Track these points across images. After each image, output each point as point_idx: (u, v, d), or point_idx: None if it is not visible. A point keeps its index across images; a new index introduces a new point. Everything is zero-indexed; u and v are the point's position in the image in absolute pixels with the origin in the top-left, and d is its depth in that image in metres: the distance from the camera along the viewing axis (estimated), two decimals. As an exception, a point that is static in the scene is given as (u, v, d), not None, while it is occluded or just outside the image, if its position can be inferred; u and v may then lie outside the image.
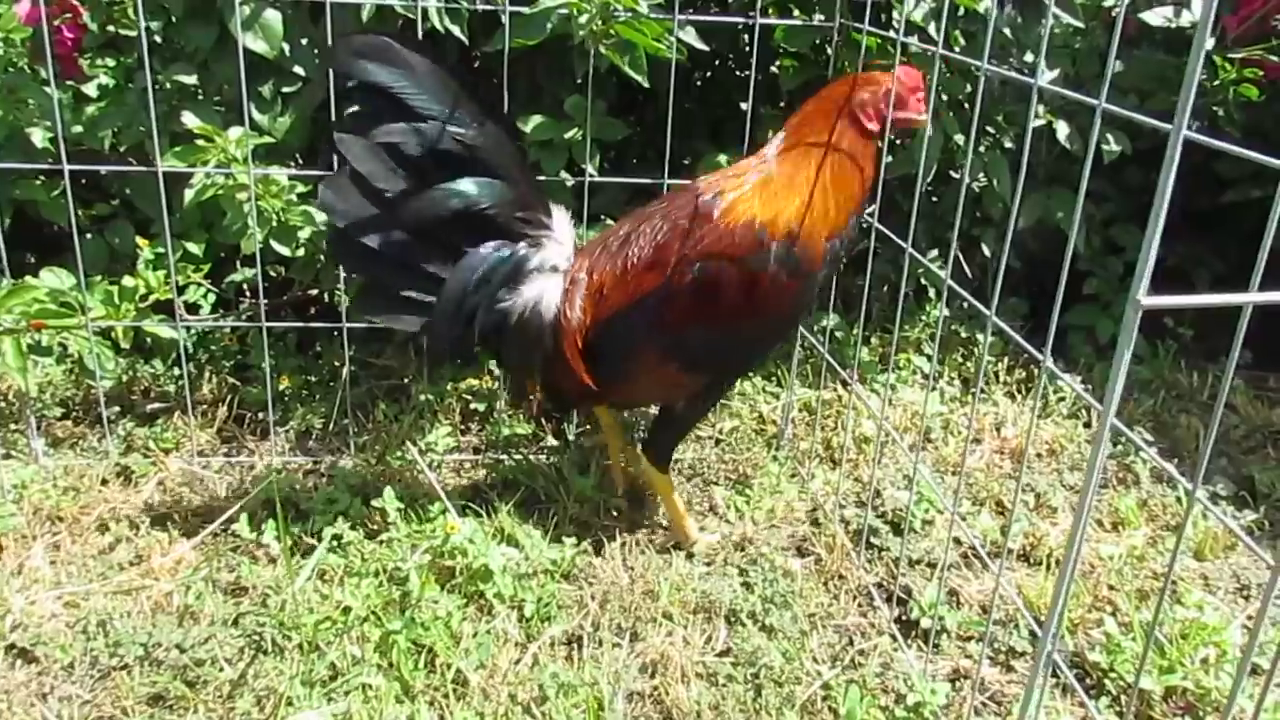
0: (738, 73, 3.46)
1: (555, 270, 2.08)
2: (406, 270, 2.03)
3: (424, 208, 1.98)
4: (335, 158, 1.99)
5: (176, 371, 2.78)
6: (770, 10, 2.72)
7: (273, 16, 2.51)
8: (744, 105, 3.42)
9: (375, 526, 2.25)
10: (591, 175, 2.47)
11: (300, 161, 2.81)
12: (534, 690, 1.81)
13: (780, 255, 1.97)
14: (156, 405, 2.70)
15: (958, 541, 2.30)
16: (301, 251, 2.53)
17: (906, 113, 2.01)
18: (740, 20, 2.60)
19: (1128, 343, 0.74)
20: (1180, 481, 1.24)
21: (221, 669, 1.85)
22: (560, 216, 2.13)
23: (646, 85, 2.31)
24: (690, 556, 2.24)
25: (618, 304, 2.03)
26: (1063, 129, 3.10)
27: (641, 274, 2.02)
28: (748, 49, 3.40)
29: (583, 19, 2.13)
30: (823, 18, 2.52)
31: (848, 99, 2.00)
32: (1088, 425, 2.87)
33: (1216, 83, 3.00)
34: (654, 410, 2.40)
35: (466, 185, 2.00)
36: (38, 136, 2.74)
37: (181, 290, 2.63)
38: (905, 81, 2.00)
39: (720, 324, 2.01)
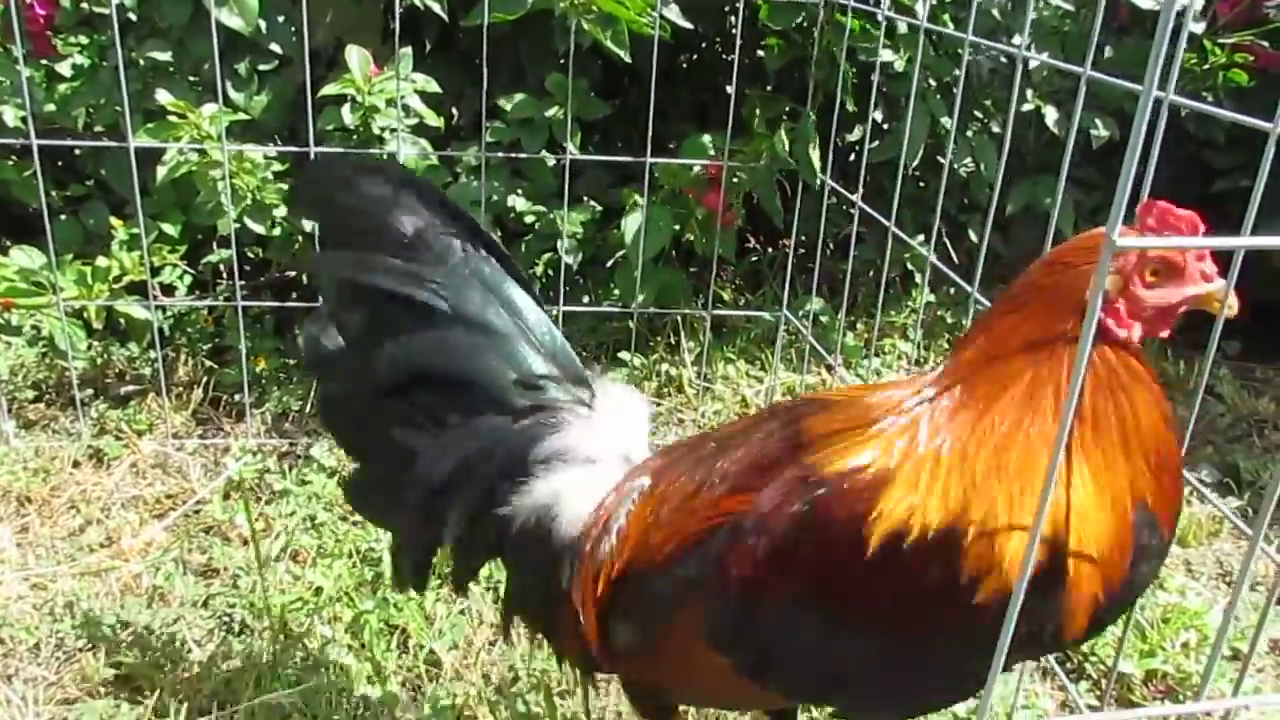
0: (724, 56, 3.43)
1: (584, 461, 1.32)
2: (390, 447, 1.37)
3: (390, 363, 1.35)
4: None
5: (151, 354, 2.74)
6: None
7: (250, -8, 2.47)
8: (729, 89, 3.40)
9: (348, 508, 2.21)
10: (572, 153, 2.44)
11: (279, 141, 2.77)
12: (506, 671, 1.78)
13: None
14: (131, 388, 2.66)
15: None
16: (277, 230, 2.51)
17: (1186, 288, 1.05)
18: (724, -4, 2.57)
19: (1100, 286, 0.71)
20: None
21: (190, 651, 1.81)
22: (619, 393, 1.40)
23: (628, 60, 2.28)
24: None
25: (671, 537, 1.22)
26: (1051, 114, 3.08)
27: (722, 496, 1.20)
28: (734, 30, 3.37)
29: (563, -9, 2.10)
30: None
31: (1070, 290, 1.07)
32: (1073, 412, 2.85)
33: (1206, 67, 2.98)
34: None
35: (443, 338, 1.35)
36: (9, 115, 2.69)
37: (157, 271, 2.59)
38: (1169, 225, 1.06)
39: (849, 610, 1.14)
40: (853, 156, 3.33)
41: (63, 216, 2.81)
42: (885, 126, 3.08)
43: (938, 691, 1.21)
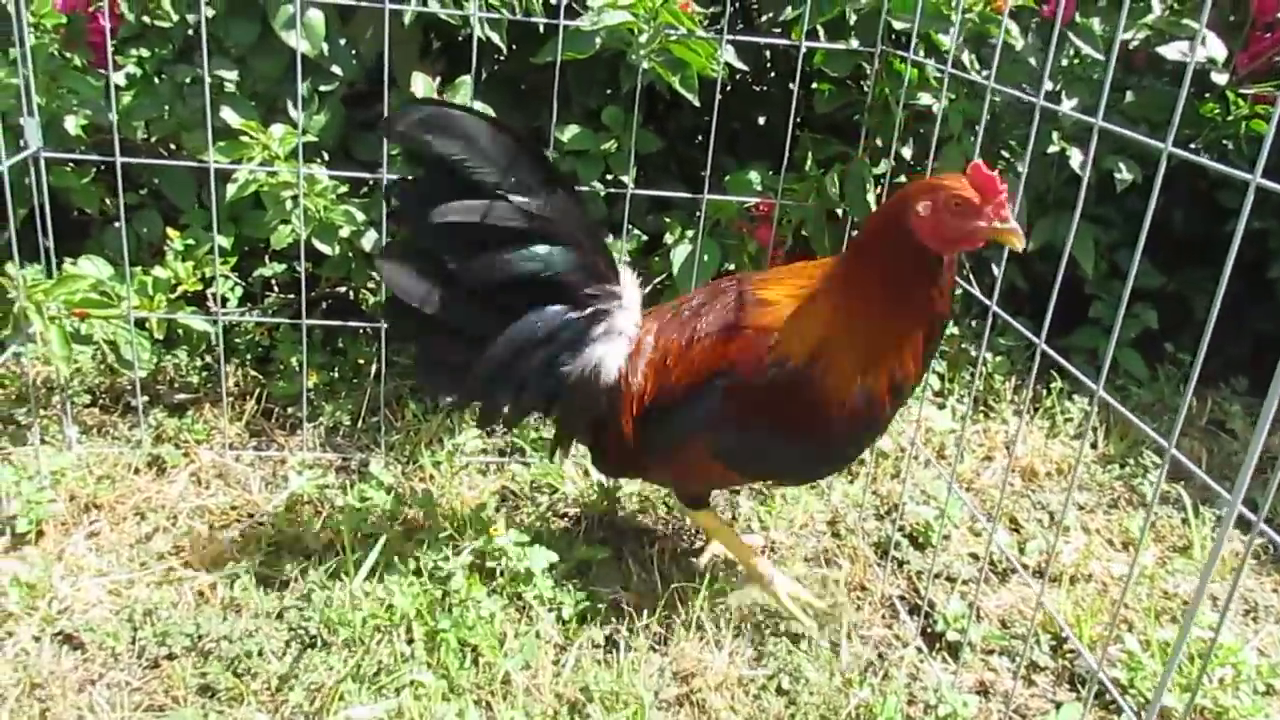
0: (755, 88, 3.52)
1: (620, 335, 2.00)
2: (467, 340, 1.96)
3: (486, 275, 1.90)
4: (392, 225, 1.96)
5: (200, 363, 2.80)
6: (794, 32, 2.78)
7: (316, 16, 2.54)
8: (760, 120, 3.49)
9: (412, 525, 2.28)
10: (630, 188, 2.52)
11: (327, 158, 2.83)
12: (578, 692, 1.86)
13: (864, 393, 1.80)
14: (183, 396, 2.71)
15: (975, 556, 2.37)
16: (338, 249, 2.57)
17: (978, 223, 1.63)
18: (786, 43, 2.66)
19: (1272, 410, 0.80)
20: (1225, 497, 1.31)
21: (269, 662, 1.88)
22: (628, 280, 2.04)
23: (697, 104, 2.36)
24: (728, 565, 2.29)
25: (680, 379, 1.93)
26: (1076, 156, 3.19)
27: (709, 351, 1.91)
28: (769, 65, 3.46)
29: (642, 38, 2.17)
30: (860, 43, 2.58)
31: (900, 212, 1.70)
32: (1094, 446, 2.96)
33: (1230, 117, 3.10)
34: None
35: (533, 252, 1.92)
36: (71, 124, 2.74)
37: (209, 282, 2.65)
38: (975, 182, 1.62)
39: (781, 433, 1.88)
40: (878, 190, 3.44)
41: (117, 224, 2.87)
42: (914, 164, 3.18)
43: (826, 470, 2.22)
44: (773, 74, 3.44)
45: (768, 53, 3.31)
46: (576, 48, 2.33)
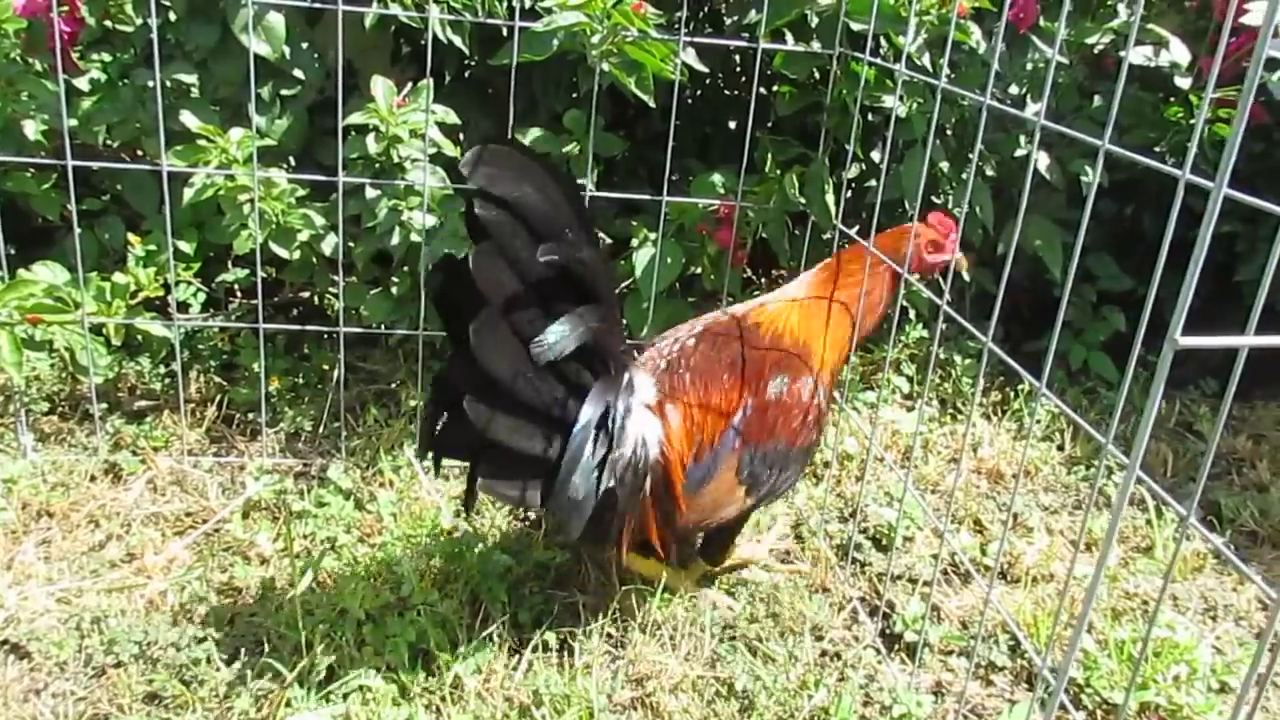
0: (726, 92, 3.52)
1: (647, 405, 1.88)
2: (537, 419, 1.69)
3: (558, 341, 1.64)
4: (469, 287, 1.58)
5: (163, 369, 2.78)
6: (759, 33, 2.77)
7: (276, 19, 2.53)
8: (731, 124, 3.49)
9: (368, 530, 2.27)
10: (591, 190, 2.51)
11: (293, 164, 2.82)
12: (528, 695, 1.84)
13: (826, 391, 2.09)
14: (144, 403, 2.69)
15: (935, 558, 2.36)
16: (298, 254, 2.55)
17: (945, 255, 2.19)
18: (743, 44, 2.66)
19: (1160, 381, 0.79)
20: (1176, 509, 1.30)
21: (218, 669, 1.86)
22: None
23: (652, 105, 2.36)
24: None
25: (713, 431, 1.94)
26: (1043, 159, 3.19)
27: (726, 394, 1.97)
28: (738, 69, 3.47)
29: (595, 39, 2.17)
30: (822, 45, 2.58)
31: (895, 250, 2.13)
32: (1061, 449, 2.95)
33: (1193, 121, 3.11)
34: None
35: (588, 312, 1.68)
36: (30, 129, 2.73)
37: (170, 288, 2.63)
38: (941, 229, 2.19)
39: (785, 440, 2.00)
40: (848, 193, 3.44)
41: (79, 230, 2.85)
42: (883, 166, 3.18)
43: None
44: (744, 78, 3.44)
45: (737, 57, 3.32)
46: (534, 50, 2.32)
